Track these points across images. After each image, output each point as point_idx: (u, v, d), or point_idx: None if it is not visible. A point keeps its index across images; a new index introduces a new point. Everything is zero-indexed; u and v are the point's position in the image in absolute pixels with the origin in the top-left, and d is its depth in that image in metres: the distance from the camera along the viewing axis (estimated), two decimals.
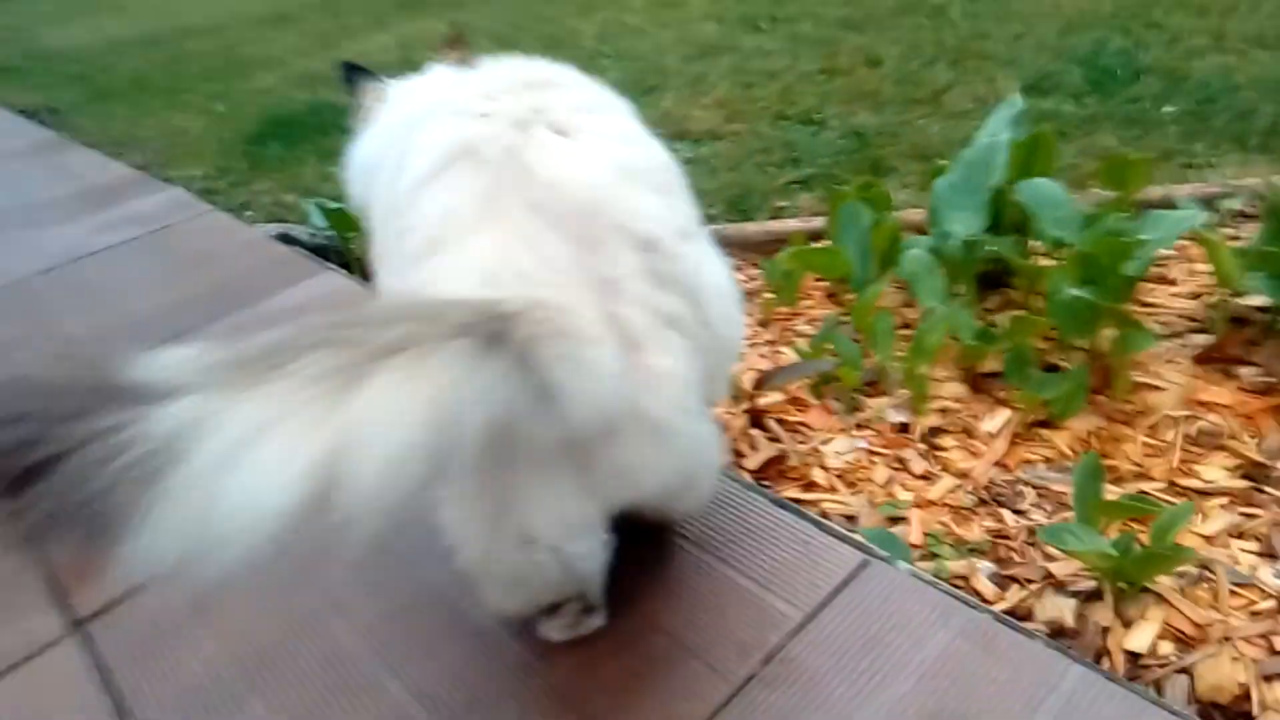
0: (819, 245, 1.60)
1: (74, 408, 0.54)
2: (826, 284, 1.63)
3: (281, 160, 2.80)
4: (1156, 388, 1.27)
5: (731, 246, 1.81)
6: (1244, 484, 1.10)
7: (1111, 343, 1.27)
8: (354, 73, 1.16)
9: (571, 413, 0.65)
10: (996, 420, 1.25)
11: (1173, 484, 1.11)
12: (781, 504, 1.04)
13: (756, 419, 1.33)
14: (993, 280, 1.50)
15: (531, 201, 0.76)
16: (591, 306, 0.72)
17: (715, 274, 0.87)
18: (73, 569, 1.12)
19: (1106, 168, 1.42)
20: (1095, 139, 1.99)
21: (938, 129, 2.19)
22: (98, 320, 1.77)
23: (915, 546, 1.08)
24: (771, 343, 1.51)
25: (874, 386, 1.36)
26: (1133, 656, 0.92)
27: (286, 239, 1.97)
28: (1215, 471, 1.12)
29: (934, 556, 1.06)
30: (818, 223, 1.77)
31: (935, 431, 1.25)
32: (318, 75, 3.88)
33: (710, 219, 1.97)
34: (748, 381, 1.37)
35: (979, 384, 1.33)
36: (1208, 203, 1.54)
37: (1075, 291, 1.16)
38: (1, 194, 2.69)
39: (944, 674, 0.82)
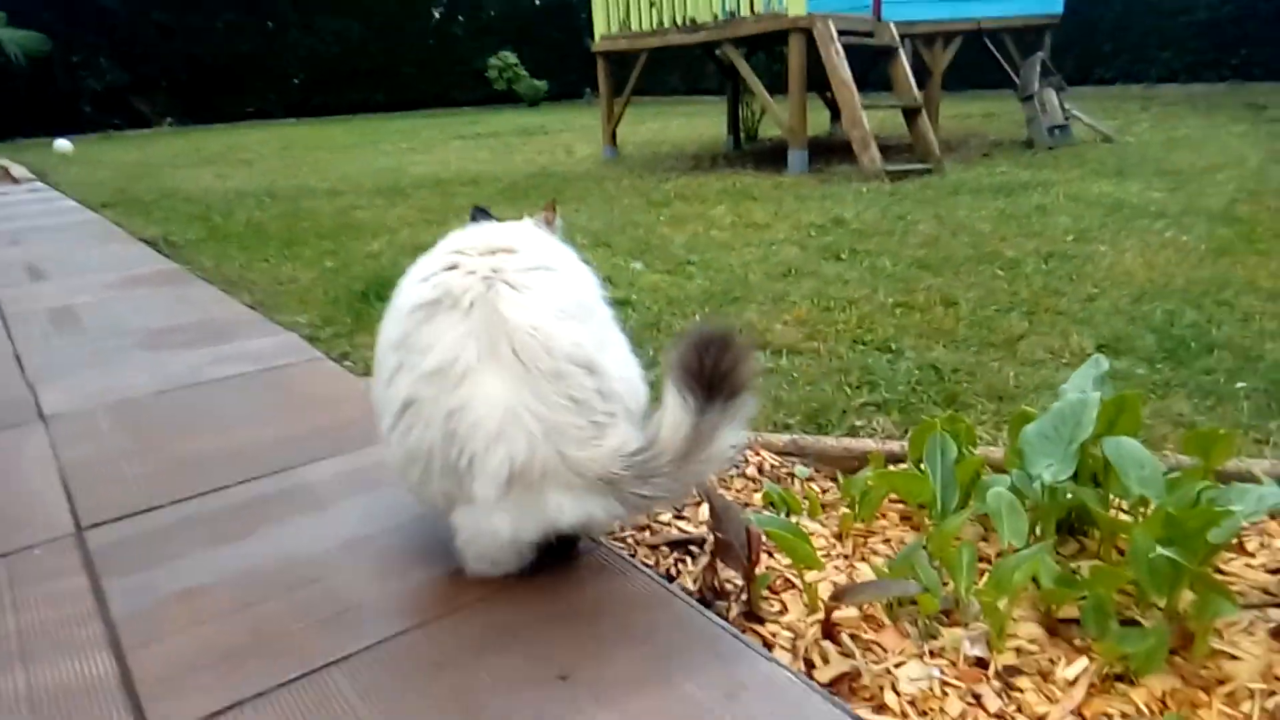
0: (901, 469, 1.66)
1: None
2: (902, 506, 1.67)
3: (383, 318, 3.00)
4: (1234, 657, 1.25)
5: (809, 457, 1.88)
6: None
7: (1192, 606, 1.27)
8: (478, 212, 1.61)
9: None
10: (1075, 668, 1.24)
11: None
12: None
13: (829, 630, 1.34)
14: (1068, 526, 1.54)
15: (512, 345, 1.15)
16: (576, 415, 1.16)
17: (621, 369, 1.26)
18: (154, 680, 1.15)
19: (1193, 438, 1.48)
20: (1169, 404, 2.05)
21: (1012, 373, 2.28)
22: (203, 445, 1.88)
23: None
24: (846, 557, 1.53)
25: (949, 616, 1.36)
26: None
27: None
28: None
29: None
30: (895, 446, 1.84)
31: (1011, 670, 1.25)
32: (424, 245, 4.17)
33: (787, 428, 2.05)
34: (824, 591, 1.39)
35: (1056, 628, 1.33)
36: None
37: (1162, 550, 1.19)
38: (130, 315, 2.92)
39: None
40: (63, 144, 11.63)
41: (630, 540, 1.55)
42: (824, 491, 1.78)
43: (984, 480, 1.56)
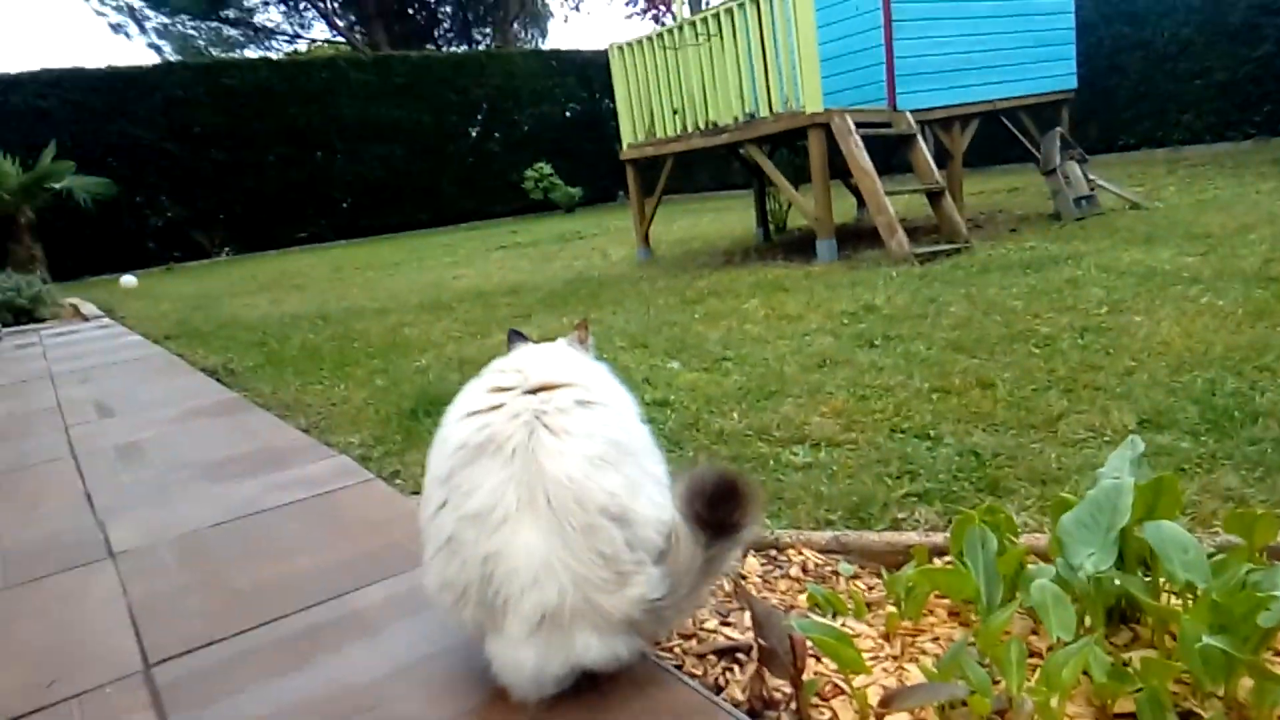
0: (944, 564, 1.66)
1: None
2: (949, 602, 1.66)
3: (432, 435, 3.09)
4: None
5: (852, 553, 1.89)
6: None
7: (1250, 694, 1.24)
8: (514, 335, 1.71)
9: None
10: None
11: None
12: None
13: None
14: (1119, 615, 1.51)
15: (548, 497, 1.24)
16: (603, 569, 1.24)
17: (652, 509, 1.32)
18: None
19: (1235, 518, 1.47)
20: (1216, 478, 2.02)
21: (1054, 454, 2.27)
22: (264, 575, 1.94)
23: None
24: (895, 658, 1.52)
25: (1003, 716, 1.34)
26: None
27: None
28: None
29: None
30: (939, 538, 1.83)
31: None
32: (469, 359, 4.33)
33: (829, 524, 2.06)
34: (873, 696, 1.38)
35: None
36: None
37: (1209, 640, 1.18)
38: (192, 448, 3.05)
39: None
40: (128, 280, 12.27)
41: (677, 650, 1.56)
42: (870, 589, 1.78)
43: (1029, 570, 1.55)
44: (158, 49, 28.37)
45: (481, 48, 22.81)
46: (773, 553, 1.91)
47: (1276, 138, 10.71)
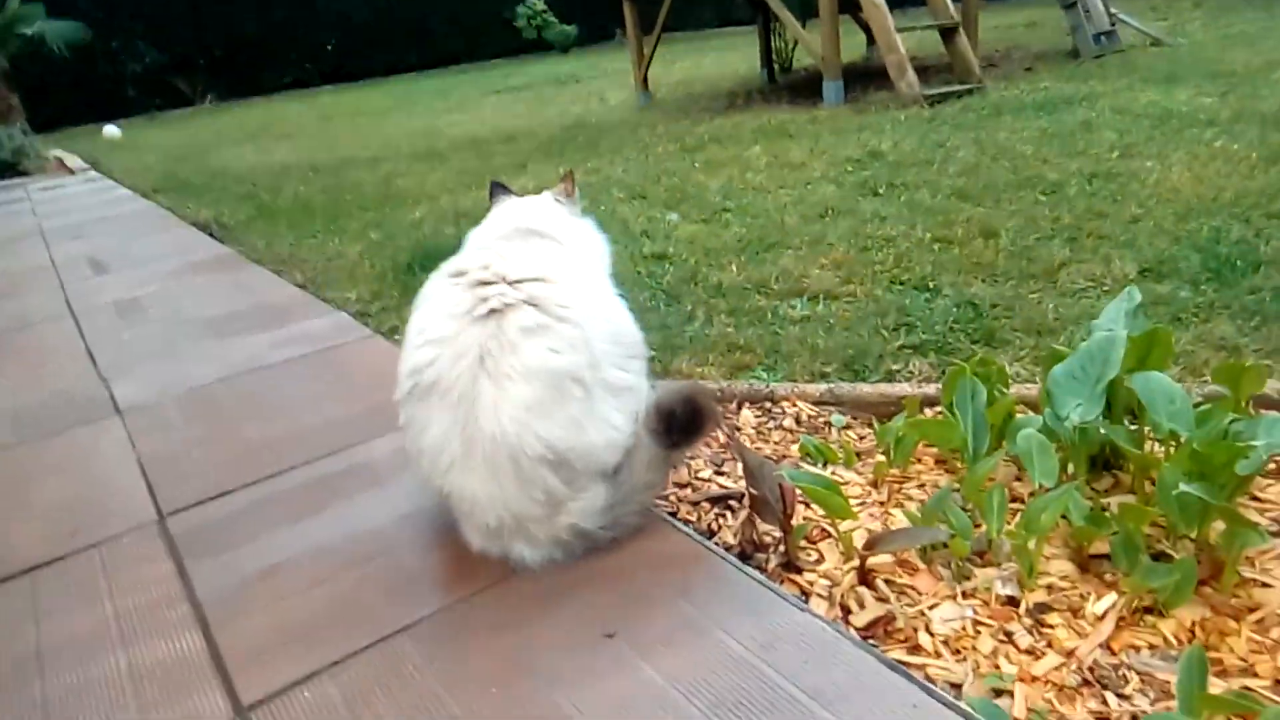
0: (934, 415, 1.69)
1: None
2: (937, 451, 1.70)
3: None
4: (1265, 585, 1.28)
5: (845, 405, 1.92)
6: None
7: (1221, 536, 1.29)
8: (497, 188, 1.78)
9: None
10: (1104, 603, 1.28)
11: (1278, 682, 1.12)
12: (892, 665, 1.10)
13: (864, 577, 1.40)
14: (1103, 462, 1.56)
15: (483, 452, 1.31)
16: (537, 507, 1.34)
17: (599, 444, 1.38)
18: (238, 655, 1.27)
19: (1222, 370, 1.48)
20: (1212, 327, 2.03)
21: (1052, 305, 2.27)
22: (270, 429, 1.99)
23: None
24: (882, 504, 1.58)
25: (982, 557, 1.41)
26: None
27: None
28: None
29: None
30: (931, 389, 1.86)
31: (1042, 607, 1.29)
32: (464, 211, 4.27)
33: (824, 376, 2.09)
34: (858, 540, 1.44)
35: (1087, 564, 1.36)
36: None
37: (1186, 487, 1.21)
38: (191, 304, 3.05)
39: None
40: (111, 130, 11.92)
41: (672, 498, 1.62)
42: (860, 439, 1.82)
43: (1017, 421, 1.58)
44: None
45: None
46: (767, 405, 1.95)
47: None
